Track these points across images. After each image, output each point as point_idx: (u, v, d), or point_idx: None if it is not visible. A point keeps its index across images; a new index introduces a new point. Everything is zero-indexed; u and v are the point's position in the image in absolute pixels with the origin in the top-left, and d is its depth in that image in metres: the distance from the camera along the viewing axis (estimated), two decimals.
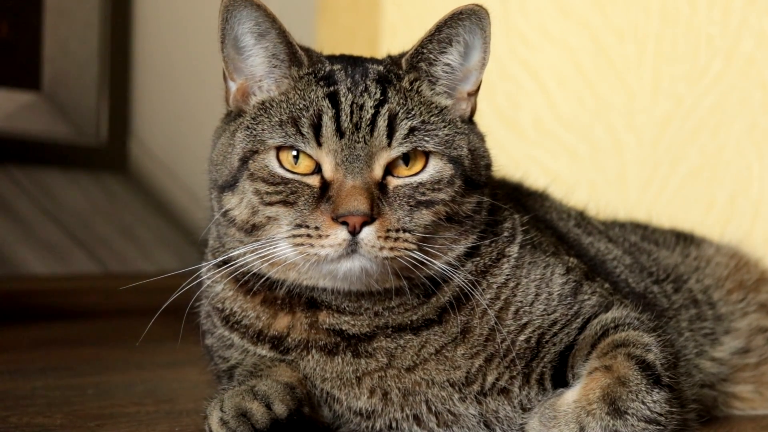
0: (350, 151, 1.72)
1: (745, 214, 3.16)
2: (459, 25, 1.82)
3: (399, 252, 1.72)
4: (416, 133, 1.76)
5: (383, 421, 1.83)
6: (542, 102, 3.53)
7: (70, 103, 4.20)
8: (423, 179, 1.76)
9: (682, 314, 2.14)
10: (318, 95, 1.77)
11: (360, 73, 1.81)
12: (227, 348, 1.91)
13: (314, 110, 1.75)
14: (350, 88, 1.77)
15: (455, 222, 1.80)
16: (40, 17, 4.06)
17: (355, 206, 1.68)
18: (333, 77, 1.80)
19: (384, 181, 1.74)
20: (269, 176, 1.75)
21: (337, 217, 1.69)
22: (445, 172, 1.78)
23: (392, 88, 1.79)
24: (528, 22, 3.56)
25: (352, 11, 4.11)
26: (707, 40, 3.25)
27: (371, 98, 1.76)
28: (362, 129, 1.73)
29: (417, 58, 1.83)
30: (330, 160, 1.73)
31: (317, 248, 1.70)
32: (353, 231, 1.69)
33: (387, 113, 1.75)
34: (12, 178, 3.99)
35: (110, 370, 2.72)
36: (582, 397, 1.70)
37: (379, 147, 1.74)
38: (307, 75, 1.81)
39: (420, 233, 1.75)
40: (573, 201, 2.37)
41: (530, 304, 1.85)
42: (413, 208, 1.74)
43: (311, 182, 1.74)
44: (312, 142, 1.74)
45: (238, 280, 1.86)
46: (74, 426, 1.93)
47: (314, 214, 1.71)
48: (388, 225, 1.71)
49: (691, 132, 3.26)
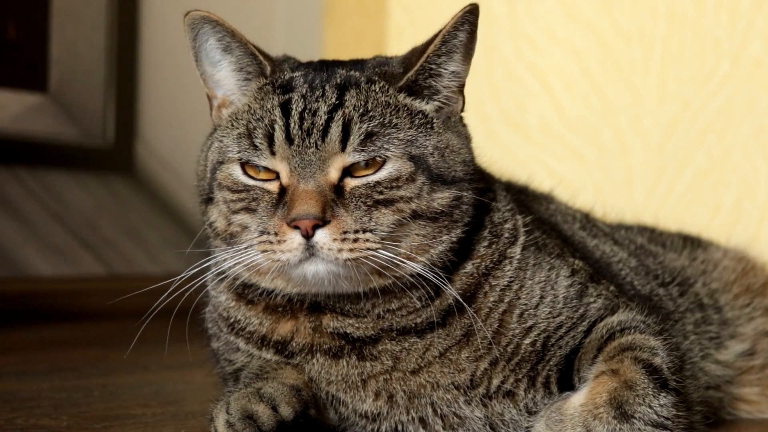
0: (301, 157, 1.73)
1: (752, 218, 3.16)
2: (460, 31, 1.80)
3: (361, 253, 1.71)
4: (374, 138, 1.75)
5: (389, 424, 1.83)
6: (549, 104, 3.53)
7: (76, 105, 4.21)
8: (380, 178, 1.75)
9: (687, 317, 2.13)
10: (273, 104, 1.78)
11: (321, 77, 1.81)
12: (233, 351, 1.92)
13: (268, 120, 1.76)
14: (304, 95, 1.78)
15: (427, 219, 1.78)
16: (47, 19, 4.07)
17: (305, 210, 1.69)
18: (290, 84, 1.81)
19: (341, 183, 1.74)
20: (233, 184, 1.79)
21: (290, 222, 1.70)
22: (404, 169, 1.76)
23: (354, 91, 1.78)
24: (535, 25, 3.56)
25: (358, 14, 4.11)
26: (714, 42, 3.25)
27: (326, 103, 1.76)
28: (314, 135, 1.74)
29: (424, 74, 1.81)
30: (285, 167, 1.74)
31: (278, 254, 1.72)
32: (306, 235, 1.69)
33: (341, 118, 1.75)
34: (18, 179, 4.00)
35: (116, 372, 2.73)
36: (589, 400, 1.70)
37: (332, 152, 1.73)
38: (266, 85, 1.83)
39: (384, 232, 1.74)
40: (579, 203, 2.37)
41: (535, 307, 1.85)
42: (371, 207, 1.74)
43: (270, 188, 1.75)
44: (266, 152, 1.75)
45: (238, 291, 1.88)
46: (80, 428, 1.93)
47: (272, 219, 1.73)
48: (345, 227, 1.71)
49: (697, 135, 3.25)
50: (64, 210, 4.09)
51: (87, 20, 4.21)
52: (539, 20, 3.55)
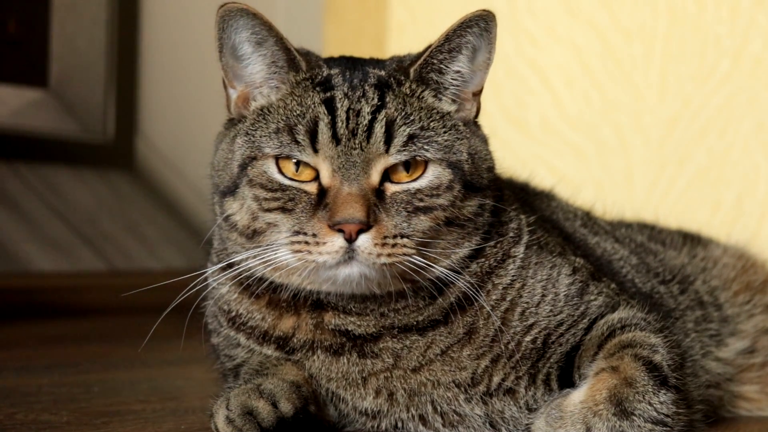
0: (346, 158, 1.72)
1: (753, 215, 3.16)
2: (468, 33, 1.81)
3: (397, 258, 1.71)
4: (415, 140, 1.75)
5: (389, 421, 1.83)
6: (549, 101, 3.53)
7: (77, 100, 4.21)
8: (421, 185, 1.75)
9: (688, 315, 2.13)
10: (314, 101, 1.76)
11: (358, 77, 1.80)
12: (233, 347, 1.91)
13: (310, 117, 1.74)
14: (347, 94, 1.76)
15: (456, 225, 1.79)
16: (47, 14, 4.07)
17: (350, 214, 1.68)
18: (330, 82, 1.79)
19: (381, 187, 1.74)
20: (267, 182, 1.75)
21: (334, 225, 1.69)
22: (444, 177, 1.77)
23: (391, 93, 1.77)
24: (535, 22, 3.56)
25: (359, 9, 4.10)
26: (715, 39, 3.25)
27: (368, 104, 1.75)
28: (359, 135, 1.73)
29: (427, 68, 1.81)
30: (327, 166, 1.73)
31: (315, 255, 1.70)
32: (349, 238, 1.69)
33: (384, 119, 1.74)
34: (19, 174, 4.00)
35: (116, 368, 2.73)
36: (588, 397, 1.70)
37: (376, 153, 1.73)
38: (304, 80, 1.80)
39: (419, 238, 1.74)
40: (579, 201, 2.37)
41: (536, 305, 1.85)
42: (411, 214, 1.74)
43: (309, 189, 1.73)
44: (308, 149, 1.73)
45: (242, 283, 1.85)
46: (80, 423, 1.93)
47: (312, 221, 1.71)
48: (385, 232, 1.71)
49: (698, 132, 3.25)
50: (64, 205, 4.09)
51: (87, 15, 4.21)
52: (540, 17, 3.54)
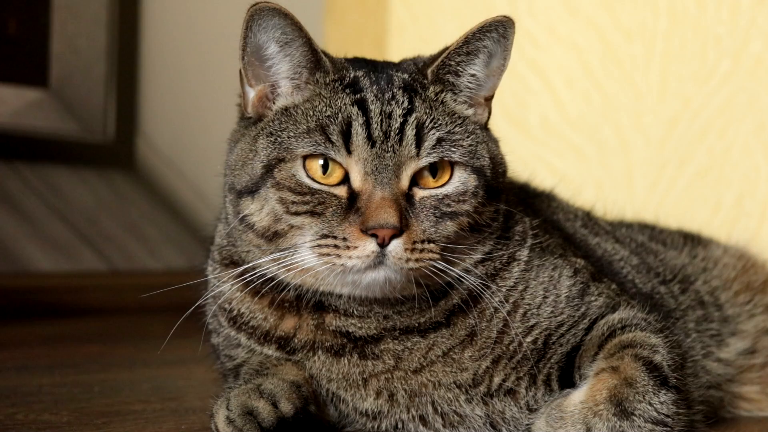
0: (380, 161, 1.71)
1: (753, 215, 3.16)
2: (486, 37, 1.82)
3: (424, 263, 1.71)
4: (443, 143, 1.76)
5: (389, 422, 1.83)
6: (549, 101, 3.53)
7: (77, 101, 4.21)
8: (449, 191, 1.76)
9: (689, 315, 2.14)
10: (345, 102, 1.75)
11: (385, 80, 1.79)
12: (234, 347, 1.91)
13: (343, 118, 1.73)
14: (377, 96, 1.76)
15: (475, 231, 1.80)
16: (48, 14, 4.07)
17: (385, 219, 1.68)
18: (358, 84, 1.78)
19: (410, 191, 1.74)
20: (296, 186, 1.73)
21: (367, 230, 1.68)
22: (470, 183, 1.77)
23: (418, 97, 1.78)
24: (536, 22, 3.56)
25: (359, 9, 4.10)
26: (715, 40, 3.25)
27: (399, 107, 1.75)
28: (391, 138, 1.72)
29: (444, 69, 1.82)
30: (359, 169, 1.72)
31: (344, 259, 1.69)
32: (382, 243, 1.68)
33: (415, 122, 1.74)
34: (19, 174, 4.00)
35: (116, 368, 2.73)
36: (589, 397, 1.70)
37: (407, 156, 1.73)
38: (333, 82, 1.79)
39: (443, 243, 1.74)
40: (580, 201, 2.37)
41: (538, 307, 1.85)
42: (438, 219, 1.74)
43: (339, 193, 1.72)
44: (342, 149, 1.72)
45: (247, 281, 1.84)
46: (80, 423, 1.93)
47: (342, 225, 1.70)
48: (415, 237, 1.71)
49: (698, 132, 3.25)
50: (64, 205, 4.09)
51: (88, 16, 4.21)
52: (540, 17, 3.54)
